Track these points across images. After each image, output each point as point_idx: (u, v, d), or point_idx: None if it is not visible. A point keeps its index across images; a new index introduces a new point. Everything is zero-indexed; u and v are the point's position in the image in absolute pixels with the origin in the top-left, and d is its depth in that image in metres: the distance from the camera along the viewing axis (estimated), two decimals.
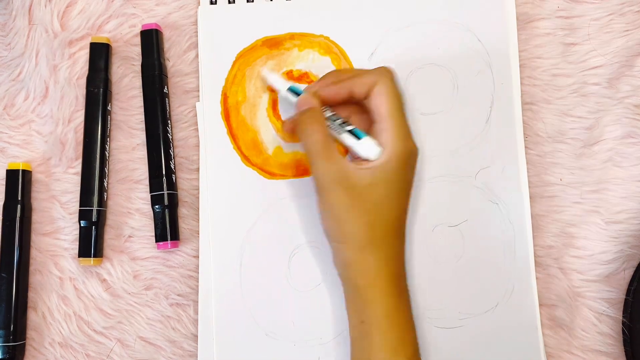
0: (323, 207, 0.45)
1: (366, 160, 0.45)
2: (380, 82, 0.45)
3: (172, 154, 0.53)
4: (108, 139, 0.53)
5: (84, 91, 0.53)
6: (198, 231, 0.52)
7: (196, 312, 0.51)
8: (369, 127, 0.47)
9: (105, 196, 0.53)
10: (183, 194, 0.53)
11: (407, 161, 0.45)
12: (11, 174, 0.53)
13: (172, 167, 0.52)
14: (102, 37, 0.54)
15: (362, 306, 0.44)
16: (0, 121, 0.55)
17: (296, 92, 0.48)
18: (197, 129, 0.53)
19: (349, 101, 0.47)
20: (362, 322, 0.44)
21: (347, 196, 0.44)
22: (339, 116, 0.47)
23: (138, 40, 0.54)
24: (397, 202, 0.45)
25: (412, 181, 0.46)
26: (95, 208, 0.52)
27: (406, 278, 0.46)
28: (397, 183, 0.45)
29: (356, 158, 0.46)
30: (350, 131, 0.46)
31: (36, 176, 0.54)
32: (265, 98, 0.53)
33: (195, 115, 0.53)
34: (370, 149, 0.44)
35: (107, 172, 0.53)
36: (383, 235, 0.44)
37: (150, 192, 0.52)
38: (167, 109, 0.53)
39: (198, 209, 0.52)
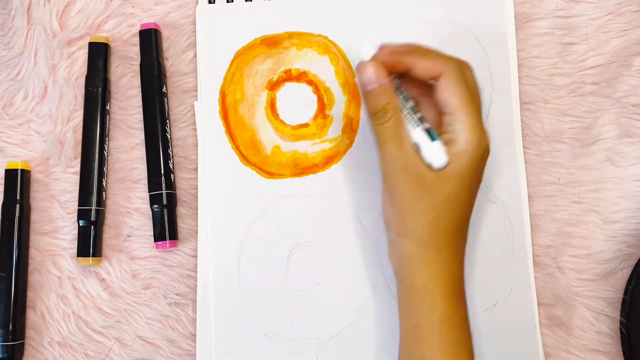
0: (389, 195, 0.43)
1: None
2: (447, 73, 0.43)
3: (170, 153, 0.53)
4: (107, 138, 0.53)
5: (82, 91, 0.53)
6: (196, 231, 0.52)
7: (195, 311, 0.51)
8: (436, 116, 0.44)
9: (104, 196, 0.53)
10: (182, 193, 0.53)
11: (481, 157, 0.42)
12: (10, 174, 0.53)
13: (171, 167, 0.53)
14: (100, 36, 0.54)
15: (418, 308, 0.42)
16: None
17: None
18: (195, 129, 0.53)
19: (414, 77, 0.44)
20: (416, 326, 0.42)
21: (416, 187, 0.42)
22: (417, 110, 0.44)
23: (137, 39, 0.54)
24: (466, 200, 0.43)
25: (481, 179, 0.44)
26: (94, 207, 0.52)
27: (464, 281, 0.44)
28: (469, 179, 0.42)
29: None
30: (427, 130, 0.43)
31: (35, 176, 0.54)
32: (263, 97, 0.53)
33: (194, 115, 0.53)
34: (439, 155, 0.42)
35: (105, 171, 0.53)
36: (447, 233, 0.42)
37: (149, 191, 0.52)
38: (166, 108, 0.53)
39: (197, 208, 0.52)
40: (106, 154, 0.53)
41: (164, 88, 0.53)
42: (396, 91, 0.44)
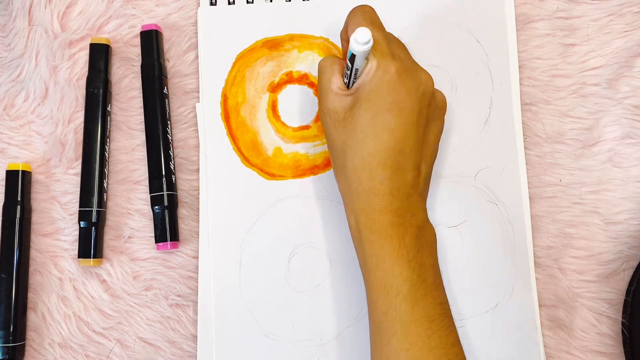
0: (325, 136, 0.45)
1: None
2: (350, 20, 0.44)
3: (171, 154, 0.53)
4: (108, 139, 0.53)
5: (83, 92, 0.53)
6: (198, 232, 0.52)
7: (196, 312, 0.51)
8: None
9: (105, 197, 0.53)
10: (183, 194, 0.53)
11: (391, 78, 0.41)
12: (11, 175, 0.53)
13: (172, 168, 0.53)
14: (102, 37, 0.54)
15: (355, 246, 0.44)
16: (0, 122, 0.55)
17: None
18: (196, 130, 0.53)
19: None
20: (360, 263, 0.43)
21: (334, 124, 0.43)
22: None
23: (138, 41, 0.54)
24: (388, 128, 0.41)
25: (414, 108, 0.42)
26: (95, 209, 0.52)
27: (417, 219, 0.42)
28: (384, 105, 0.41)
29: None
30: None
31: (36, 177, 0.54)
32: (264, 99, 0.53)
33: (195, 116, 0.53)
34: (357, 33, 0.39)
35: (106, 172, 0.53)
36: (366, 165, 0.41)
37: (150, 192, 0.52)
38: (167, 109, 0.53)
39: (198, 209, 0.52)
40: (107, 155, 0.53)
41: (165, 89, 0.53)
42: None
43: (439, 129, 0.46)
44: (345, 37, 0.46)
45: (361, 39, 0.40)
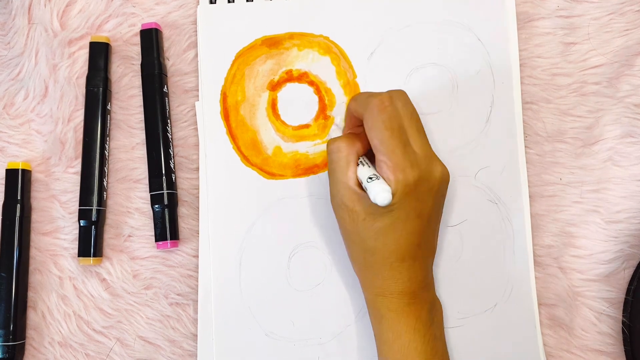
0: (338, 222, 0.46)
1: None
2: (365, 115, 0.44)
3: (171, 153, 0.53)
4: (108, 138, 0.53)
5: (83, 90, 0.53)
6: (198, 231, 0.52)
7: (196, 311, 0.51)
8: None
9: (105, 195, 0.53)
10: (183, 193, 0.53)
11: (410, 191, 0.42)
12: (11, 174, 0.53)
13: (172, 167, 0.52)
14: (101, 36, 0.54)
15: (371, 318, 0.46)
16: (0, 120, 0.55)
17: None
18: (196, 129, 0.53)
19: None
20: (375, 334, 0.46)
21: (351, 220, 0.44)
22: (368, 162, 0.45)
23: (138, 39, 0.54)
24: (404, 231, 0.43)
25: (428, 205, 0.44)
26: (94, 207, 0.52)
27: (429, 294, 0.46)
28: (402, 214, 0.43)
29: None
30: (370, 177, 0.43)
31: (36, 175, 0.54)
32: (264, 97, 0.53)
33: (195, 115, 0.53)
34: (378, 193, 0.41)
35: (106, 171, 0.53)
36: (385, 261, 0.44)
37: (150, 191, 0.52)
38: (167, 108, 0.53)
39: (198, 208, 0.52)
40: (107, 154, 0.53)
41: (165, 88, 0.53)
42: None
43: (443, 204, 0.48)
44: (355, 111, 0.46)
45: (382, 202, 0.41)
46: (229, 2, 0.53)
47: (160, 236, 0.52)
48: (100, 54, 0.53)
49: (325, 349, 0.50)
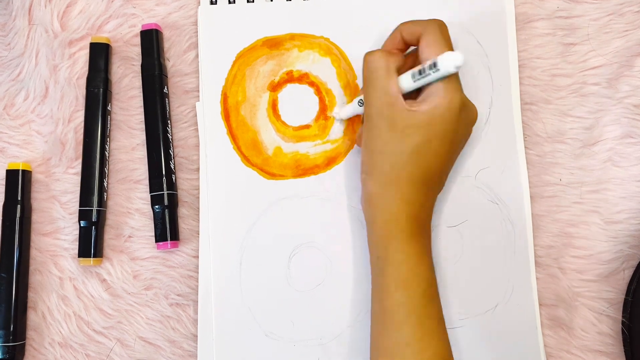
0: (366, 134, 0.46)
1: (421, 102, 0.44)
2: (426, 32, 0.45)
3: (172, 154, 0.53)
4: (108, 139, 0.53)
5: (84, 91, 0.53)
6: (198, 231, 0.52)
7: (196, 312, 0.51)
8: None
9: (105, 196, 0.53)
10: (183, 194, 0.53)
11: (454, 113, 0.43)
12: (11, 174, 0.53)
13: (172, 167, 0.52)
14: (102, 37, 0.54)
15: (378, 242, 0.45)
16: (0, 121, 0.55)
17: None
18: (197, 129, 0.53)
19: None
20: (378, 257, 0.45)
21: (388, 131, 0.44)
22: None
23: (138, 40, 0.54)
24: (437, 152, 0.44)
25: (460, 136, 0.46)
26: (95, 208, 0.52)
27: (429, 226, 0.47)
28: (441, 132, 0.44)
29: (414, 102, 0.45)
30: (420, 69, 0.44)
31: (36, 176, 0.54)
32: (265, 98, 0.53)
33: (195, 115, 0.53)
34: (450, 57, 0.42)
35: (107, 172, 0.53)
36: (411, 177, 0.44)
37: (150, 192, 0.52)
38: (167, 109, 0.53)
39: (198, 209, 0.52)
40: (107, 155, 0.53)
41: (165, 88, 0.53)
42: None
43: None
44: (412, 31, 0.46)
45: (456, 63, 0.41)
46: (229, 2, 0.54)
47: (160, 237, 0.52)
48: (100, 54, 0.53)
49: (325, 350, 0.50)
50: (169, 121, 0.53)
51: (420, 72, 0.43)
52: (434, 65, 0.42)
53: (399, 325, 0.43)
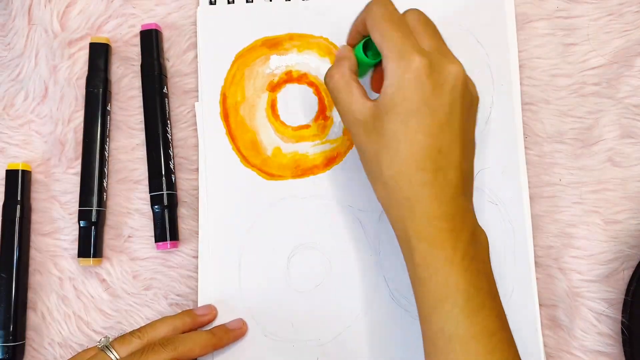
0: (355, 145, 0.43)
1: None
2: (365, 16, 0.42)
3: (171, 154, 0.53)
4: (107, 139, 0.53)
5: (83, 91, 0.53)
6: (197, 231, 0.52)
7: None
8: None
9: (105, 196, 0.53)
10: (182, 194, 0.53)
11: (416, 79, 0.39)
12: (11, 174, 0.53)
13: (172, 168, 0.53)
14: (101, 37, 0.54)
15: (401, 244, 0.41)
16: (0, 121, 0.55)
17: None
18: (196, 129, 0.53)
19: None
20: (404, 230, 0.40)
21: (364, 132, 0.41)
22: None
23: (137, 40, 0.54)
24: (417, 131, 0.39)
25: (444, 106, 0.40)
26: (94, 208, 0.52)
27: (460, 214, 0.40)
28: (411, 106, 0.39)
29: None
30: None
31: (36, 176, 0.54)
32: (264, 98, 0.53)
33: (195, 116, 0.53)
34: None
35: (106, 172, 0.53)
36: (404, 171, 0.39)
37: (150, 192, 0.52)
38: (167, 109, 0.53)
39: (197, 209, 0.52)
40: (107, 155, 0.53)
41: (165, 89, 0.53)
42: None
43: (474, 122, 0.43)
44: (360, 28, 0.44)
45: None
46: (228, 3, 0.54)
47: (160, 237, 0.52)
48: (100, 54, 0.53)
49: (325, 350, 0.50)
50: (168, 121, 0.53)
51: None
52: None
53: (444, 355, 0.39)
